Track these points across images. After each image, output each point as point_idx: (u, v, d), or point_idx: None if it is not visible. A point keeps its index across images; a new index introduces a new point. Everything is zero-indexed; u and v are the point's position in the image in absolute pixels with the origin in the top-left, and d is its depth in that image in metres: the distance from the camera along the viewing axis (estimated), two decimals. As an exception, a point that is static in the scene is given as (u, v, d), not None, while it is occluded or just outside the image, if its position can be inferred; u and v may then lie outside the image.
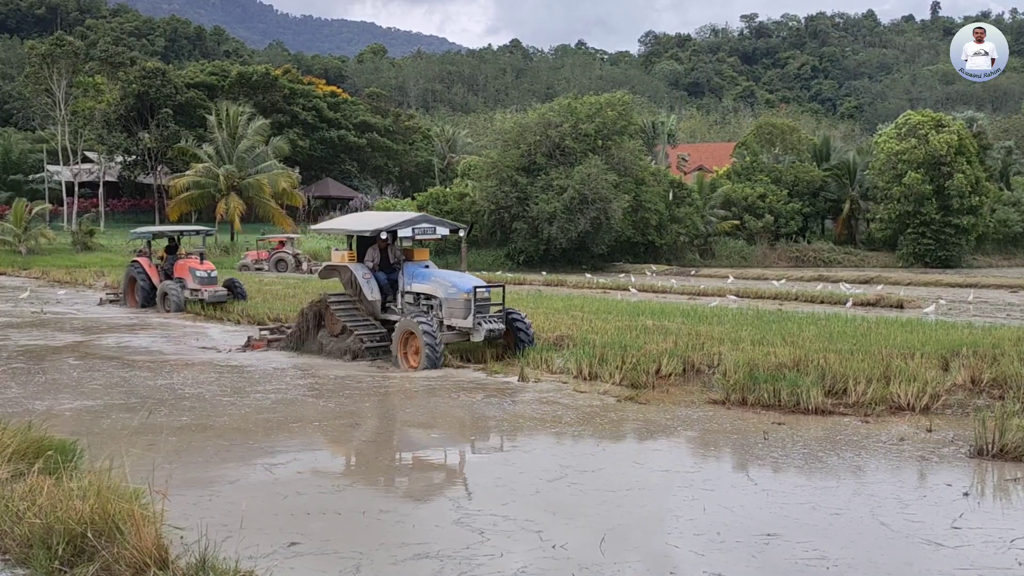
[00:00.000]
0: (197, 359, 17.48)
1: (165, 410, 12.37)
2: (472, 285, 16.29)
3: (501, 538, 7.38)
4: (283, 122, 69.88)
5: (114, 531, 6.01)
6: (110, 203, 69.06)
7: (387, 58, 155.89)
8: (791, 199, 60.62)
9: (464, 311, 16.09)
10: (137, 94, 64.93)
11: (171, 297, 25.52)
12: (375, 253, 17.73)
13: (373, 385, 14.81)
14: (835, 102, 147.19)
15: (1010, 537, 7.41)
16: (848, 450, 10.46)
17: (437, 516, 8.11)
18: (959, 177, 55.45)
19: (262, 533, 7.24)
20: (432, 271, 17.18)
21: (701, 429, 11.64)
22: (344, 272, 17.79)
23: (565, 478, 9.29)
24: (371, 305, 17.36)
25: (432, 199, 54.67)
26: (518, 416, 12.38)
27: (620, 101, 54.51)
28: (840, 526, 7.85)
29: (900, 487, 9.12)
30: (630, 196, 51.16)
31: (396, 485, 9.62)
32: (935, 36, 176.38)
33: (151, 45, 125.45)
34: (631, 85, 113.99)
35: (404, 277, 17.13)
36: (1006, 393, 12.18)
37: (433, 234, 17.22)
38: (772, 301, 29.15)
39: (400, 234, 17.11)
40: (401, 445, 11.51)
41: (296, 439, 11.10)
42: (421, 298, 16.85)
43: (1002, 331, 16.56)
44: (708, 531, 7.67)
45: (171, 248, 27.71)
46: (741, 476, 9.51)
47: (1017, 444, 9.68)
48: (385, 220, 18.06)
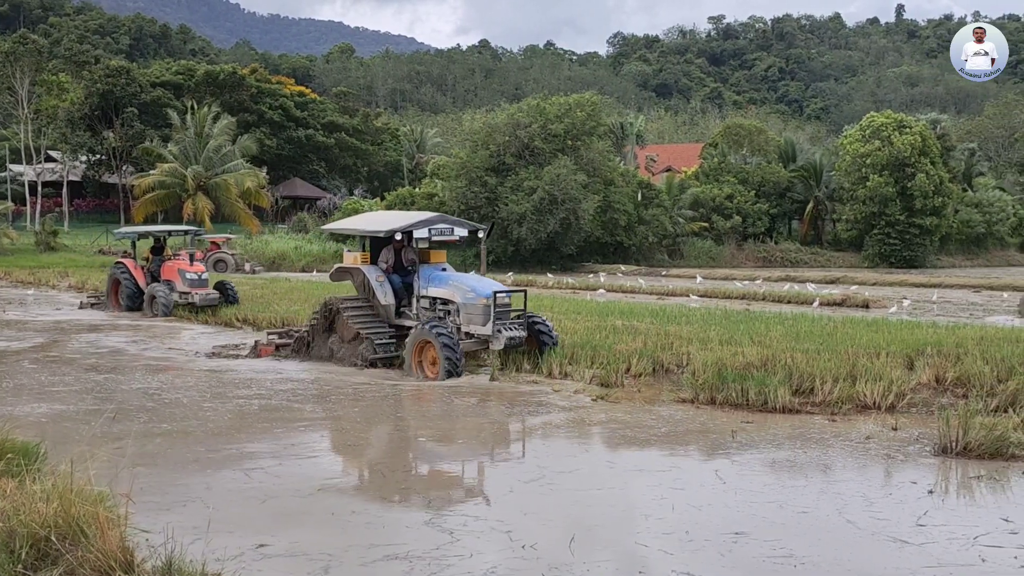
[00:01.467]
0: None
1: (145, 416, 12.24)
2: (492, 290, 15.35)
3: (471, 538, 7.37)
4: (250, 121, 69.40)
5: (78, 534, 5.94)
6: (74, 203, 68.27)
7: (355, 57, 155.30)
8: (758, 200, 61.00)
9: (483, 317, 15.15)
10: (101, 93, 64.24)
11: (159, 300, 24.42)
12: (389, 255, 16.79)
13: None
14: (801, 104, 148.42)
15: (973, 534, 7.50)
16: (815, 448, 10.55)
17: (408, 517, 8.08)
18: (921, 178, 56.07)
19: (231, 535, 7.18)
20: (449, 274, 16.30)
21: (671, 428, 11.69)
22: (356, 274, 16.91)
23: (543, 478, 9.29)
24: (385, 310, 16.41)
25: (401, 199, 54.51)
26: (492, 416, 12.38)
27: (589, 102, 54.58)
28: (807, 524, 7.91)
29: (866, 485, 9.21)
30: (599, 197, 51.24)
31: (368, 487, 9.57)
32: (899, 39, 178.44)
33: (116, 43, 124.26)
34: (600, 86, 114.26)
35: (419, 280, 16.13)
36: (969, 392, 12.33)
37: (451, 235, 16.21)
38: (740, 301, 29.32)
39: (416, 235, 15.99)
40: (381, 448, 11.46)
41: (272, 442, 11.03)
42: (437, 303, 15.91)
43: (965, 330, 16.75)
44: (677, 530, 7.70)
45: (157, 249, 26.47)
46: (710, 475, 9.55)
47: (980, 442, 9.80)
48: (400, 220, 17.06)
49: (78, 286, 33.78)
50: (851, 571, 6.78)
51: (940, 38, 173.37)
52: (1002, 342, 14.57)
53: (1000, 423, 10.23)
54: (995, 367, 12.75)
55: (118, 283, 26.05)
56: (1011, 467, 9.45)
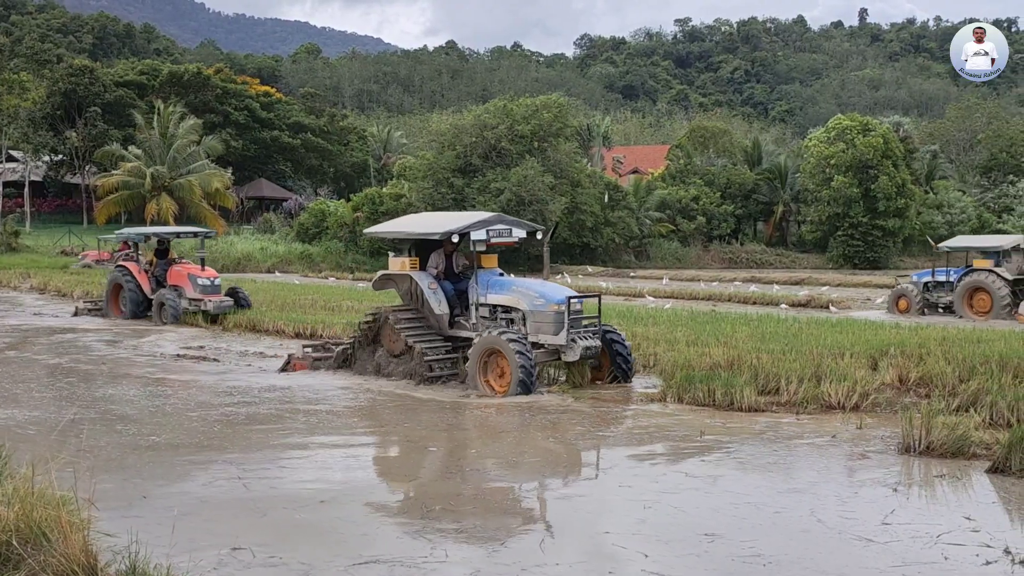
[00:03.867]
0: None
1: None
2: (565, 295, 14.17)
3: (448, 542, 7.35)
4: (215, 122, 68.85)
5: (40, 538, 5.86)
6: (36, 203, 67.43)
7: (322, 58, 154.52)
8: (724, 201, 61.41)
9: (555, 326, 13.78)
10: (64, 92, 63.48)
11: (168, 307, 23.01)
12: (439, 259, 15.43)
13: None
14: (767, 106, 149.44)
15: (937, 532, 7.58)
16: (781, 448, 10.63)
17: (386, 522, 8.05)
18: (884, 180, 56.70)
19: (202, 541, 7.11)
20: (511, 280, 15.10)
21: (639, 428, 11.74)
22: (403, 281, 15.36)
23: (513, 479, 9.29)
24: (438, 319, 14.94)
25: (368, 200, 54.30)
26: (465, 419, 12.36)
27: (556, 103, 54.69)
28: (774, 523, 7.96)
29: (832, 484, 9.30)
30: (566, 198, 51.36)
31: (350, 492, 9.51)
32: (863, 42, 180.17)
33: (79, 42, 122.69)
34: (567, 87, 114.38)
35: (477, 287, 14.67)
36: (932, 392, 12.49)
37: (509, 237, 14.81)
38: (706, 302, 29.53)
39: (473, 237, 14.48)
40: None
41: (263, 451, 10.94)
42: (499, 311, 14.56)
43: (928, 331, 17.00)
44: (648, 530, 7.73)
45: (161, 252, 24.92)
46: (679, 475, 9.60)
47: (943, 442, 9.92)
48: (454, 221, 15.47)
49: (40, 287, 33.42)
50: (818, 571, 6.82)
51: (903, 42, 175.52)
52: (964, 342, 14.81)
53: (962, 422, 10.36)
54: (957, 367, 12.92)
55: (119, 288, 24.44)
56: (972, 466, 9.57)
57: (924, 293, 27.02)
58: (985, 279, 25.63)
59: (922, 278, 27.83)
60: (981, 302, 25.69)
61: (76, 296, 29.06)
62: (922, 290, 27.12)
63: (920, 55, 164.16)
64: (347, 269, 47.04)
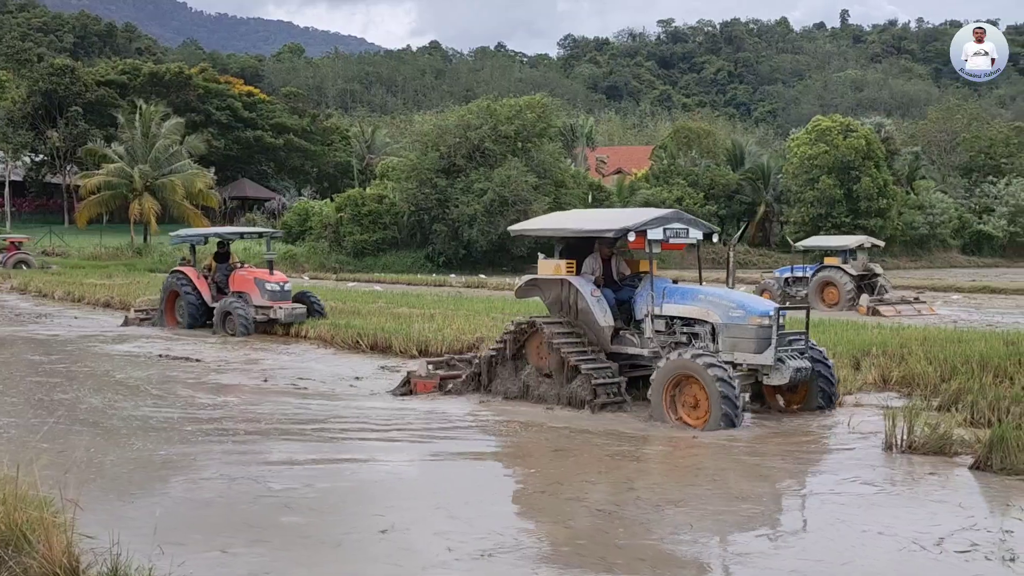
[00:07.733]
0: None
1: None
2: (771, 306, 12.03)
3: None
4: (198, 122, 68.62)
5: (22, 541, 5.83)
6: (16, 203, 67.03)
7: (305, 58, 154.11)
8: (707, 202, 61.61)
9: (757, 342, 11.49)
10: (44, 92, 63.18)
11: (238, 317, 20.69)
12: (595, 263, 13.22)
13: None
14: (750, 107, 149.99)
15: (921, 530, 7.62)
16: (766, 446, 10.68)
17: (363, 526, 8.05)
18: (866, 180, 57.08)
19: (186, 545, 7.07)
20: (695, 287, 12.85)
21: (621, 429, 11.77)
22: (554, 288, 13.14)
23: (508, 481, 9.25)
24: (600, 333, 12.65)
25: (351, 200, 54.21)
26: (419, 425, 12.33)
27: (539, 103, 54.73)
28: (758, 522, 7.99)
29: (816, 483, 9.35)
30: (550, 198, 51.38)
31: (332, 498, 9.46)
32: (845, 43, 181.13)
33: (59, 41, 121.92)
34: (550, 88, 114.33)
35: (651, 295, 12.45)
36: (913, 391, 12.60)
37: (686, 237, 12.67)
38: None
39: (650, 236, 12.30)
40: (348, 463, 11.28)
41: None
42: (677, 324, 12.36)
43: (909, 331, 17.12)
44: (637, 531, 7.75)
45: (221, 255, 22.97)
46: (664, 467, 9.62)
47: (925, 440, 9.99)
48: (626, 217, 13.24)
49: (20, 288, 33.26)
50: (798, 572, 6.86)
51: (884, 43, 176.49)
52: (945, 342, 14.95)
53: (943, 421, 10.44)
54: (938, 367, 13.04)
55: (174, 296, 22.38)
56: (954, 463, 9.65)
57: (784, 288, 28.72)
58: (833, 275, 27.96)
59: (783, 274, 29.92)
60: (830, 295, 27.84)
61: (57, 296, 28.85)
62: (783, 285, 28.91)
63: (902, 56, 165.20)
64: (331, 269, 46.97)
